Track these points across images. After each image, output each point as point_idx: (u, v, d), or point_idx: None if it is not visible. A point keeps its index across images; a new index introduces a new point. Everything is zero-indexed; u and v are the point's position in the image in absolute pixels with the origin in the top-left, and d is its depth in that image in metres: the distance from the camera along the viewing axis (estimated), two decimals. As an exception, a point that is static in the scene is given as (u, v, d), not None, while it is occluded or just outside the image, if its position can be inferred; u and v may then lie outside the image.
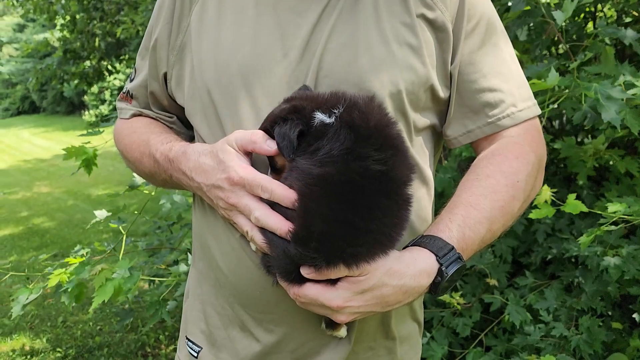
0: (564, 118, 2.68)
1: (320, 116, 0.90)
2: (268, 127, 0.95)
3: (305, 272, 0.89)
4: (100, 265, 1.99)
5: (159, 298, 2.43)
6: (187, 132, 1.31)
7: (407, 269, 0.92)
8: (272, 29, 1.07)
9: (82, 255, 2.32)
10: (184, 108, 1.23)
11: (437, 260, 0.94)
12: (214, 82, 1.08)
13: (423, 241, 0.98)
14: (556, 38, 2.25)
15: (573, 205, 1.70)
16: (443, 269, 0.93)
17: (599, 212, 1.79)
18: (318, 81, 1.04)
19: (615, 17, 2.70)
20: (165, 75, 1.21)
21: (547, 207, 1.71)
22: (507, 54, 1.16)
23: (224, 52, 1.08)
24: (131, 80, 1.30)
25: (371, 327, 1.14)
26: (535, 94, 2.00)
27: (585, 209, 1.68)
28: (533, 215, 1.71)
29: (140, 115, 1.30)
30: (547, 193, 1.73)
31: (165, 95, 1.24)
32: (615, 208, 1.67)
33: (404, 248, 0.98)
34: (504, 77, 1.13)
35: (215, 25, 1.11)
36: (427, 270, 0.94)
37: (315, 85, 1.04)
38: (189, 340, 1.23)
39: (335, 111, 0.90)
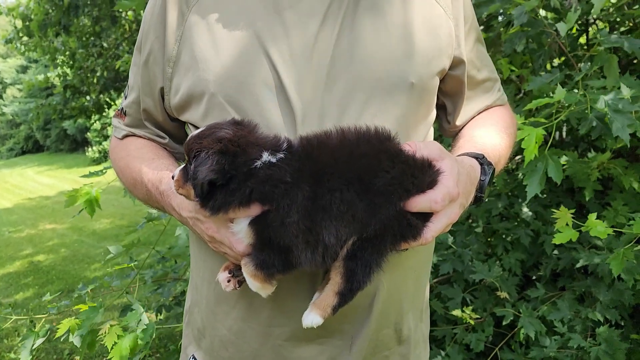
0: (564, 129, 2.68)
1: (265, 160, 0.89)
2: (197, 147, 0.90)
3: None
4: (108, 321, 1.92)
5: (178, 347, 2.41)
6: (180, 149, 1.31)
7: (470, 168, 1.04)
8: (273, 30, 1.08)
9: (86, 294, 2.32)
10: (177, 124, 1.25)
11: (478, 161, 1.08)
12: (221, 90, 1.06)
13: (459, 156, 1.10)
14: (557, 50, 2.27)
15: (595, 225, 1.62)
16: (485, 167, 1.08)
17: (624, 230, 1.74)
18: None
19: (608, 28, 2.73)
20: (161, 90, 1.18)
21: (569, 230, 1.63)
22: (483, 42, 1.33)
23: (229, 65, 1.06)
24: (125, 98, 1.30)
25: (386, 336, 1.16)
26: (540, 108, 1.99)
27: (610, 231, 1.62)
28: (556, 240, 1.64)
29: (133, 135, 1.29)
30: (567, 216, 1.64)
31: (160, 110, 1.22)
32: None
33: None
34: (491, 67, 1.32)
35: (211, 43, 1.09)
36: (475, 167, 1.07)
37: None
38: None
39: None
